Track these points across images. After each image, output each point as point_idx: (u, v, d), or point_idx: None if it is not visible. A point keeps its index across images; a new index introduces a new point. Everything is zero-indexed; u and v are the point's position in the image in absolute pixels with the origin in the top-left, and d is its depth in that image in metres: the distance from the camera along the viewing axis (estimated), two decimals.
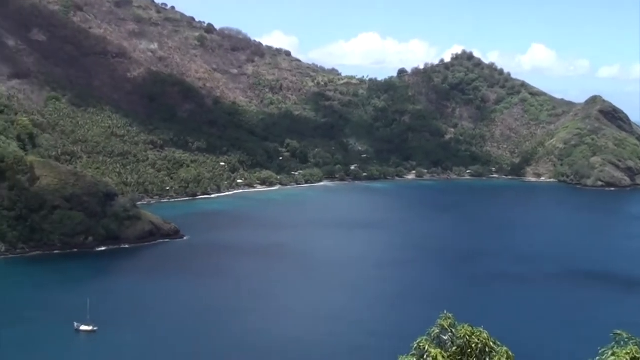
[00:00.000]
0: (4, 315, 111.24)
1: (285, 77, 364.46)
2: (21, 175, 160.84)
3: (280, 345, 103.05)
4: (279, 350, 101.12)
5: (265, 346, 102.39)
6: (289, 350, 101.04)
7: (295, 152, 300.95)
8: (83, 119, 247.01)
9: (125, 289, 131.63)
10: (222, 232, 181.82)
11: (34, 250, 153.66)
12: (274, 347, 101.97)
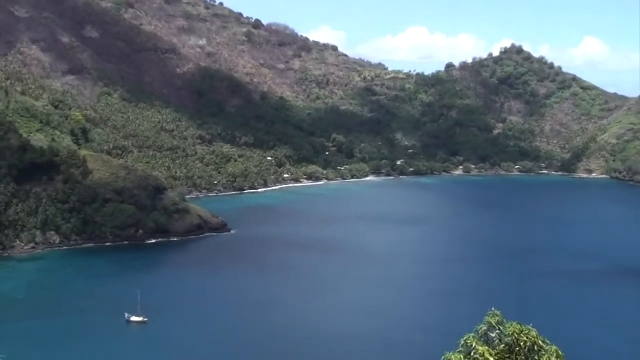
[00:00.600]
0: (59, 305, 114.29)
1: (332, 72, 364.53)
2: (75, 169, 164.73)
3: (326, 339, 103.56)
4: (324, 344, 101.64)
5: (311, 340, 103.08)
6: (334, 345, 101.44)
7: (341, 147, 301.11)
8: (134, 114, 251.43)
9: (174, 281, 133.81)
10: (268, 226, 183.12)
11: (87, 242, 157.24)
12: (319, 341, 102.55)
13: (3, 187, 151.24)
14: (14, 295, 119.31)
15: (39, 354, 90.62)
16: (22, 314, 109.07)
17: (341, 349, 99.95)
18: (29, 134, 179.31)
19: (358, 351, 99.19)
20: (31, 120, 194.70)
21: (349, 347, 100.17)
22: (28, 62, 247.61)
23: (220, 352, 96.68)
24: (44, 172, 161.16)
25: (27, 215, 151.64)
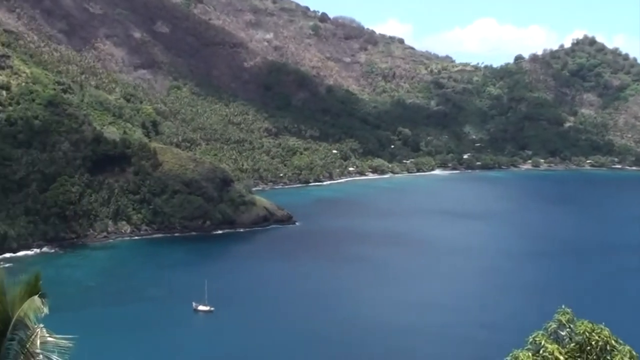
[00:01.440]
0: (130, 293, 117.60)
1: (398, 65, 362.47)
2: (145, 161, 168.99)
3: (389, 332, 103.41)
4: (387, 337, 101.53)
5: (373, 332, 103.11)
6: (397, 338, 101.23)
7: (407, 140, 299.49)
8: (202, 107, 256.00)
9: (239, 271, 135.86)
10: (333, 219, 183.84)
11: (156, 232, 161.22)
12: (382, 334, 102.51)
13: (77, 177, 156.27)
14: (87, 282, 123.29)
15: (111, 340, 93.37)
16: (94, 301, 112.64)
17: (404, 342, 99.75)
18: (102, 126, 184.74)
19: (424, 346, 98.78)
20: (104, 113, 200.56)
21: (413, 342, 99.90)
22: (102, 56, 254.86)
23: (283, 342, 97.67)
24: (116, 163, 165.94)
25: (100, 205, 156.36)
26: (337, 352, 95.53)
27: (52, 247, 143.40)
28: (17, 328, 14.33)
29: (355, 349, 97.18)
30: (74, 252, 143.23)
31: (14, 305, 14.26)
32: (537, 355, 17.24)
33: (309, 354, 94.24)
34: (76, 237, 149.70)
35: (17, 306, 14.28)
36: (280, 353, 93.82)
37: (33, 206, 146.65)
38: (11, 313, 14.20)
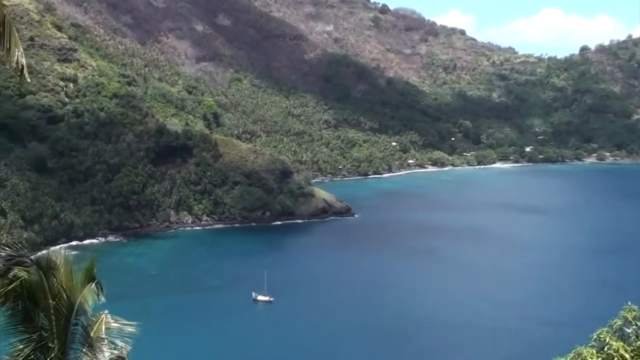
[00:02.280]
0: (191, 282, 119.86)
1: (459, 57, 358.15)
2: (206, 152, 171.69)
3: (449, 327, 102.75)
4: (446, 332, 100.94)
5: (432, 326, 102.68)
6: (456, 334, 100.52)
7: (468, 132, 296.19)
8: (262, 99, 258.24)
9: (298, 262, 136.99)
10: (392, 211, 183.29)
11: (216, 222, 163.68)
12: (442, 329, 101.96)
13: (141, 168, 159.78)
14: (149, 271, 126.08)
15: (172, 328, 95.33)
16: (157, 289, 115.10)
17: (463, 337, 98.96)
18: (165, 118, 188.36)
19: (484, 342, 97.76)
20: (167, 105, 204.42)
21: (472, 337, 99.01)
22: (165, 49, 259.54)
23: (341, 333, 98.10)
24: (178, 154, 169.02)
25: (162, 196, 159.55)
26: (394, 345, 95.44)
27: (117, 236, 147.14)
28: (79, 314, 14.78)
29: (412, 342, 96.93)
30: (137, 241, 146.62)
31: (77, 291, 14.75)
32: (602, 353, 16.94)
33: (365, 346, 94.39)
34: (139, 226, 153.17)
35: (79, 292, 14.78)
36: (337, 344, 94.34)
37: (98, 196, 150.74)
38: (75, 299, 14.67)
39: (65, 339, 14.56)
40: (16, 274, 14.09)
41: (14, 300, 14.28)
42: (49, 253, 14.81)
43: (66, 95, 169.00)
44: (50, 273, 14.33)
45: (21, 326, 14.56)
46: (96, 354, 14.82)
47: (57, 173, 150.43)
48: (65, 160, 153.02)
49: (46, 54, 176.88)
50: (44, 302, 14.42)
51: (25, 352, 14.41)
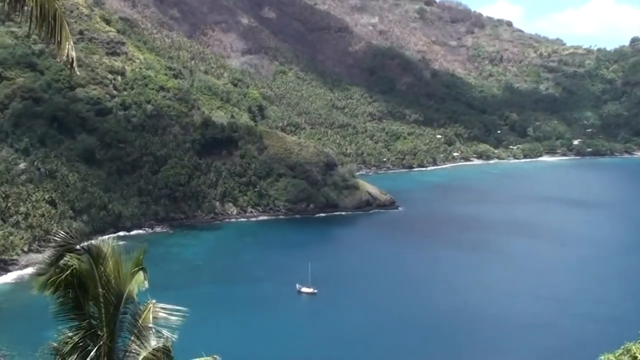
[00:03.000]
0: (236, 273, 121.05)
1: (506, 48, 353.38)
2: (251, 145, 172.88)
3: (492, 323, 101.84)
4: (489, 328, 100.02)
5: (476, 322, 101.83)
6: (500, 331, 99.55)
7: (514, 125, 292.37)
8: (307, 92, 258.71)
9: (343, 254, 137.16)
10: (437, 204, 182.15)
11: (261, 214, 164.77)
12: (487, 324, 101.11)
13: (187, 160, 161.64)
14: (195, 261, 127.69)
15: (217, 318, 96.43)
16: (202, 279, 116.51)
17: (509, 332, 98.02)
18: (211, 110, 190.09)
19: (529, 336, 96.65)
20: (212, 97, 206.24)
21: (518, 331, 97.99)
22: (210, 42, 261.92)
23: (385, 326, 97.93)
24: (224, 146, 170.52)
25: (208, 187, 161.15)
26: (437, 339, 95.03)
27: (163, 227, 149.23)
28: (128, 302, 14.96)
29: (455, 336, 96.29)
30: (183, 232, 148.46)
31: (126, 280, 14.92)
32: None
33: (408, 339, 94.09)
34: (185, 217, 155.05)
35: (128, 281, 14.95)
36: (380, 337, 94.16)
37: (145, 187, 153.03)
38: (124, 288, 14.85)
39: (114, 327, 14.76)
40: (67, 262, 14.30)
41: (65, 289, 14.51)
42: (98, 242, 15.00)
43: (114, 88, 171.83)
44: (100, 262, 14.56)
45: (71, 314, 14.79)
46: (143, 342, 15.03)
47: (105, 164, 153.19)
48: (113, 151, 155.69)
49: (95, 48, 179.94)
50: (93, 290, 14.63)
51: (74, 339, 14.62)
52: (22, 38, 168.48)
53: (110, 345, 14.60)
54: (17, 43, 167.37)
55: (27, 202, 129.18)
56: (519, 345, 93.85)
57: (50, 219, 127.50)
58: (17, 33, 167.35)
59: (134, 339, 15.05)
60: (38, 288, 14.47)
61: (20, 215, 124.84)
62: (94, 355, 14.48)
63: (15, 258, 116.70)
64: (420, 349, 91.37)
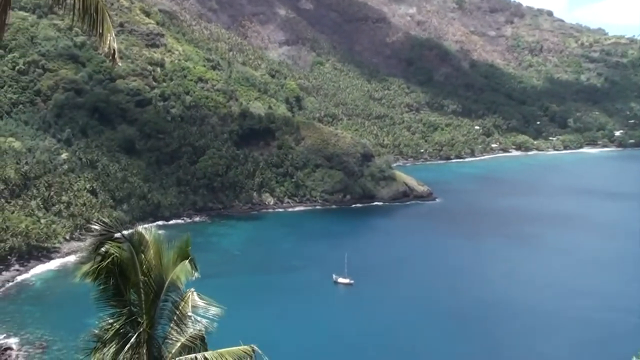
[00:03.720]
0: (273, 263, 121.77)
1: (546, 38, 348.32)
2: (288, 135, 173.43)
3: (532, 316, 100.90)
4: (528, 321, 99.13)
5: (512, 314, 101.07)
6: (540, 323, 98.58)
7: (554, 116, 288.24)
8: (344, 83, 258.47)
9: (379, 245, 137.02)
10: (475, 196, 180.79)
11: (298, 204, 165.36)
12: (525, 316, 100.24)
13: (224, 150, 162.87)
14: (233, 251, 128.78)
15: (255, 307, 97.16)
16: (239, 268, 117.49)
17: (549, 325, 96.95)
18: (248, 101, 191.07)
19: (570, 329, 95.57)
20: (250, 88, 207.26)
21: (559, 324, 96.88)
22: (248, 34, 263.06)
23: (421, 317, 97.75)
24: (261, 137, 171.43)
25: (245, 178, 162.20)
26: (475, 330, 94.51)
27: (201, 217, 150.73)
28: (170, 290, 15.28)
29: (493, 328, 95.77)
30: (221, 222, 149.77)
31: (168, 269, 15.20)
32: None
33: (445, 330, 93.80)
34: (223, 207, 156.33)
35: (171, 269, 15.21)
36: (417, 328, 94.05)
37: (184, 177, 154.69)
38: (165, 276, 15.13)
39: (154, 314, 15.08)
40: (108, 250, 14.58)
41: (106, 276, 14.82)
42: (139, 231, 15.25)
43: (154, 79, 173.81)
44: (141, 250, 14.89)
45: (112, 301, 15.12)
46: (183, 330, 15.46)
47: (144, 155, 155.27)
48: (152, 142, 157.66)
49: (135, 40, 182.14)
50: (134, 278, 14.94)
51: (115, 326, 14.98)
52: (64, 30, 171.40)
53: (150, 332, 14.89)
54: (60, 35, 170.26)
55: (69, 191, 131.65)
56: (559, 338, 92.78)
57: (91, 208, 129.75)
58: (59, 26, 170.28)
59: (173, 326, 15.44)
60: (80, 276, 14.78)
61: (62, 204, 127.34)
62: (134, 341, 14.79)
63: (58, 246, 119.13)
64: (455, 340, 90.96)
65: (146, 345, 14.97)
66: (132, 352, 14.97)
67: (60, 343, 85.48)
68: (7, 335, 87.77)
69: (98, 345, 15.21)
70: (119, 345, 14.97)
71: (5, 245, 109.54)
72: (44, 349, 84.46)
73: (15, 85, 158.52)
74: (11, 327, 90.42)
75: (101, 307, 15.28)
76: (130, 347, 14.93)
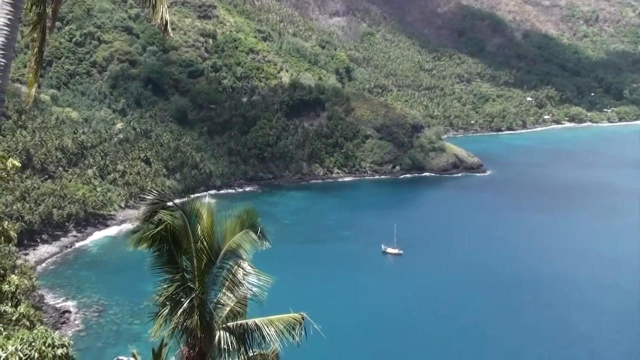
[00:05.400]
0: (323, 233, 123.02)
1: (602, 8, 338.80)
2: (338, 106, 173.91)
3: (581, 287, 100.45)
4: (577, 292, 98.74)
5: (564, 285, 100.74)
6: (588, 295, 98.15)
7: (609, 88, 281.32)
8: (394, 54, 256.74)
9: (428, 216, 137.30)
10: (526, 169, 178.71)
11: (347, 175, 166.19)
12: (573, 288, 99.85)
13: (275, 121, 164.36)
14: (283, 220, 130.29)
15: (305, 276, 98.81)
16: (289, 238, 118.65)
17: (597, 296, 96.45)
18: (298, 72, 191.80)
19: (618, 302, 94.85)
20: (300, 60, 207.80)
21: (605, 296, 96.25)
22: (299, 5, 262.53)
23: (471, 288, 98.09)
24: (311, 108, 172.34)
25: (295, 148, 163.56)
26: (524, 300, 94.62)
27: (252, 186, 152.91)
28: (226, 258, 15.63)
29: (542, 298, 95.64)
30: (271, 191, 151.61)
31: (225, 237, 15.53)
32: None
33: (494, 301, 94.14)
34: (273, 177, 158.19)
35: (229, 238, 15.54)
36: (466, 298, 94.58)
37: (235, 147, 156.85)
38: (222, 244, 15.50)
39: (207, 281, 15.58)
40: (162, 217, 15.02)
41: (160, 243, 15.28)
42: (193, 199, 15.75)
43: (206, 51, 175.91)
44: (193, 218, 15.33)
45: (166, 267, 15.62)
46: (234, 297, 15.99)
47: (197, 125, 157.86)
48: (204, 112, 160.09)
49: (187, 11, 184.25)
50: (187, 245, 15.39)
51: (169, 290, 15.50)
52: (119, 3, 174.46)
53: (202, 298, 15.38)
54: (115, 8, 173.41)
55: (124, 160, 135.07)
56: (604, 310, 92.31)
57: (145, 177, 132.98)
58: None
59: (225, 292, 15.95)
60: (133, 243, 15.26)
61: (117, 173, 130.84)
62: (187, 307, 15.32)
63: (113, 213, 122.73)
64: (507, 311, 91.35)
65: (198, 311, 15.33)
66: (185, 316, 15.37)
67: (116, 307, 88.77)
68: (65, 298, 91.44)
69: (161, 310, 15.65)
70: (172, 310, 15.42)
71: (63, 212, 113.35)
72: (100, 312, 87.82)
73: (72, 56, 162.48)
74: (69, 291, 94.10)
75: (155, 273, 15.62)
76: (183, 312, 15.33)
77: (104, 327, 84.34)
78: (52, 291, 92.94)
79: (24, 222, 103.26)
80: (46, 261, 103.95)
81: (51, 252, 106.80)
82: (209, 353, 15.77)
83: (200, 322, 15.40)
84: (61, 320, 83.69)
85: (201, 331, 15.49)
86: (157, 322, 15.59)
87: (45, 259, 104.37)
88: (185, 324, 15.50)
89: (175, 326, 15.50)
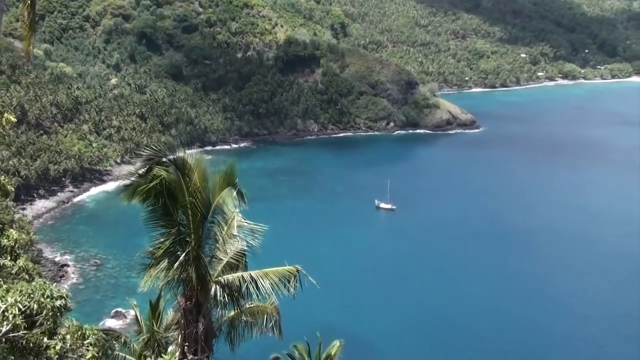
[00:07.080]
0: (316, 188, 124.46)
1: None
2: (333, 62, 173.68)
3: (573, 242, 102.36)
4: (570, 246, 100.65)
5: (559, 240, 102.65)
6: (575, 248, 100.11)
7: (603, 44, 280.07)
8: (390, 9, 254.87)
9: (421, 172, 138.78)
10: (518, 125, 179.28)
11: (341, 131, 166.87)
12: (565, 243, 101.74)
13: (269, 77, 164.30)
14: (277, 176, 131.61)
15: (298, 230, 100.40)
16: (284, 193, 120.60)
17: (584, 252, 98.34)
18: (293, 28, 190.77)
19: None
20: (295, 15, 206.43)
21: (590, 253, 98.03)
22: None
23: (463, 243, 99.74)
24: (306, 64, 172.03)
25: (290, 104, 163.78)
26: (517, 253, 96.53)
27: (247, 142, 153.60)
28: (216, 212, 16.13)
29: (535, 251, 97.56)
30: (266, 147, 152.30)
31: (214, 192, 16.00)
32: None
33: (484, 254, 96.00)
34: (267, 133, 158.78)
35: (217, 193, 16.01)
36: (458, 253, 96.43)
37: (230, 103, 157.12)
38: (212, 199, 15.94)
39: (202, 234, 16.13)
40: (156, 172, 15.52)
41: (155, 197, 15.78)
42: (184, 155, 15.88)
43: (200, 5, 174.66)
44: (186, 173, 15.68)
45: (161, 221, 16.16)
46: (228, 250, 16.58)
47: (191, 80, 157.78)
48: (199, 68, 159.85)
49: None
50: (182, 199, 15.82)
51: (165, 244, 16.04)
52: None
53: (197, 251, 15.93)
54: None
55: (119, 116, 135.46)
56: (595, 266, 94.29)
57: (140, 133, 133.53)
58: None
59: (219, 246, 16.54)
60: (126, 197, 15.76)
61: (112, 129, 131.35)
62: (183, 259, 15.86)
63: (109, 169, 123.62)
64: (494, 261, 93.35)
65: (194, 263, 15.85)
66: (181, 269, 15.84)
67: (114, 261, 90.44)
68: (63, 252, 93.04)
69: (152, 262, 16.20)
70: (168, 263, 15.95)
71: (60, 167, 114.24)
72: (98, 266, 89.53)
73: (65, 10, 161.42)
74: (67, 245, 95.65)
75: (151, 227, 16.07)
76: (179, 264, 15.78)
77: (102, 280, 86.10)
78: (50, 245, 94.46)
79: (20, 177, 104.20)
80: (43, 216, 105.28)
81: (48, 207, 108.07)
82: (205, 304, 16.37)
83: (196, 274, 15.90)
84: (60, 274, 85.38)
85: (197, 283, 16.01)
86: (147, 273, 16.19)
87: (43, 214, 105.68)
88: (181, 276, 16.07)
89: (172, 278, 16.03)
